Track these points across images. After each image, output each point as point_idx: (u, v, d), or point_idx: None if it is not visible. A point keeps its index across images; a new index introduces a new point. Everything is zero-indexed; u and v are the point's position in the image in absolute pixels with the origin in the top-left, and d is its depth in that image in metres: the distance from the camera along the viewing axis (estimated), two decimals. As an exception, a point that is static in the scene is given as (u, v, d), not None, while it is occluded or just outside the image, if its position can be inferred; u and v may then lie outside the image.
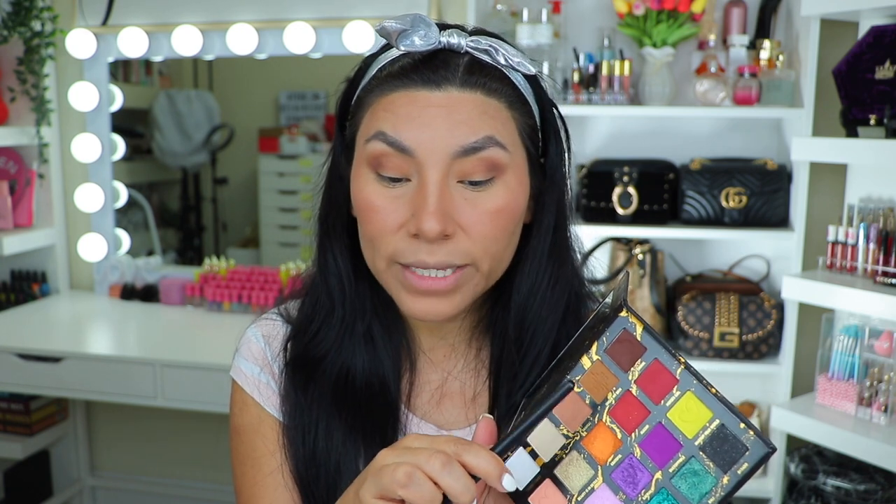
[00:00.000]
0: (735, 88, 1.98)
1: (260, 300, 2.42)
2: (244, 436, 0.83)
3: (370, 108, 0.73)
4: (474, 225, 0.71)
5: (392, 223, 0.71)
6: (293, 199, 3.40)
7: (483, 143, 0.69)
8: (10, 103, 2.53)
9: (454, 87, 0.70)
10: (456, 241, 0.70)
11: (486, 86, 0.71)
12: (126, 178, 2.80)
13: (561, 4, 2.11)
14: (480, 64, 0.72)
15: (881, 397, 1.80)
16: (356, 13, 2.35)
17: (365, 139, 0.72)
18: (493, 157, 0.70)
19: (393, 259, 0.72)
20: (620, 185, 2.06)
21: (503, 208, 0.71)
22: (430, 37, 0.71)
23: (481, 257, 0.72)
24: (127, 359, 2.08)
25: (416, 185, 0.70)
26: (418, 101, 0.70)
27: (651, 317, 2.11)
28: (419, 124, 0.69)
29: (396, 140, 0.69)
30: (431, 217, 0.68)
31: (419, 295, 0.72)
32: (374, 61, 0.77)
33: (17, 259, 2.68)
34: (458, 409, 0.82)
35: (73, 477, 2.75)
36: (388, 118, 0.70)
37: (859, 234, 1.85)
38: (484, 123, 0.70)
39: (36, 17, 2.46)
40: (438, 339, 0.83)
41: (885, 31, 1.76)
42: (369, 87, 0.74)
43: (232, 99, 3.44)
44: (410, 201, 0.70)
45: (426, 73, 0.70)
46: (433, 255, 0.70)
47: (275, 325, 0.86)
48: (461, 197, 0.70)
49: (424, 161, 0.69)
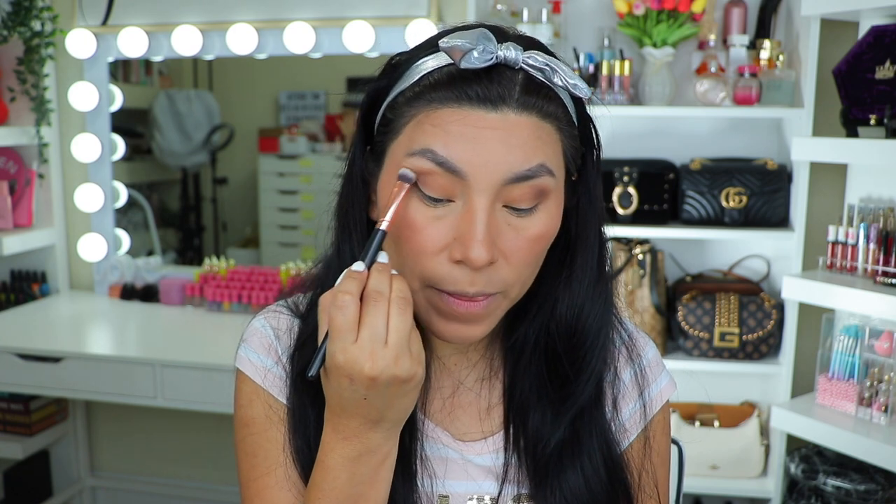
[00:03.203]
0: (735, 88, 1.98)
1: (260, 300, 2.42)
2: (253, 427, 0.79)
3: (414, 119, 0.68)
4: (515, 252, 0.69)
5: (433, 245, 0.68)
6: (293, 199, 3.40)
7: (536, 172, 0.67)
8: (10, 103, 2.52)
9: (510, 109, 0.66)
10: (496, 268, 0.68)
11: (542, 109, 0.68)
12: (126, 178, 2.80)
13: (561, 4, 2.11)
14: (537, 85, 0.68)
15: (881, 397, 1.80)
16: (356, 13, 2.35)
17: (407, 152, 0.68)
18: (542, 185, 0.68)
19: (429, 283, 0.69)
20: (620, 185, 2.06)
21: (544, 234, 0.70)
22: (488, 52, 0.66)
23: (513, 284, 0.70)
24: (127, 359, 2.08)
25: (463, 208, 0.67)
26: (472, 121, 0.66)
27: (651, 317, 2.11)
28: (473, 146, 0.65)
29: (447, 161, 0.66)
30: (480, 246, 0.65)
31: (452, 320, 0.70)
32: (412, 64, 0.71)
33: (16, 259, 2.68)
34: (471, 419, 0.81)
35: (73, 477, 2.75)
36: (437, 135, 0.66)
37: (859, 234, 1.84)
38: (538, 150, 0.67)
39: (36, 16, 2.46)
40: (453, 347, 0.81)
41: (885, 31, 1.76)
42: (412, 94, 0.69)
43: (232, 99, 3.45)
44: (454, 225, 0.67)
45: (481, 90, 0.66)
46: (474, 286, 0.68)
47: (284, 319, 0.83)
48: (505, 223, 0.68)
49: (475, 185, 0.66)
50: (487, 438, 0.80)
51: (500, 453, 0.80)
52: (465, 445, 0.80)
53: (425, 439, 0.79)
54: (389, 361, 0.63)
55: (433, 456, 0.79)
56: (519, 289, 0.72)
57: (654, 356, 0.87)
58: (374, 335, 0.63)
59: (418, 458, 0.78)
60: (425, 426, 0.80)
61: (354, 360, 0.63)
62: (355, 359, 0.63)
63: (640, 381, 0.84)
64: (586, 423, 0.78)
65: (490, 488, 0.80)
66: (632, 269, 2.12)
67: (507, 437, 0.80)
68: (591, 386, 0.78)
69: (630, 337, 0.86)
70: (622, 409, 0.83)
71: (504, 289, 0.70)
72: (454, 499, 0.79)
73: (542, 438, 0.77)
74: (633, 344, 0.85)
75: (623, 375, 0.84)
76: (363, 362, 0.63)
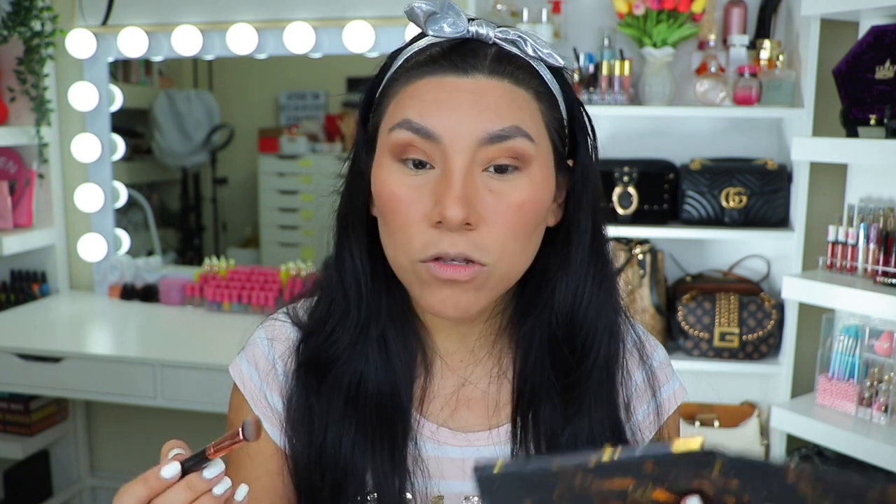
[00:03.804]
0: (735, 88, 1.98)
1: (260, 300, 2.42)
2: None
3: (395, 98, 0.71)
4: (497, 217, 0.69)
5: (415, 214, 0.69)
6: (293, 199, 3.40)
7: (510, 132, 0.68)
8: (10, 103, 2.53)
9: (482, 75, 0.69)
10: (478, 233, 0.69)
11: (514, 75, 0.70)
12: (126, 178, 2.80)
13: (561, 4, 2.11)
14: (508, 54, 0.71)
15: (881, 397, 1.80)
16: (356, 13, 2.35)
17: (389, 128, 0.70)
18: (518, 148, 0.69)
19: (416, 256, 0.70)
20: (620, 185, 2.06)
21: (527, 202, 0.70)
22: (458, 25, 0.70)
23: (500, 257, 0.70)
24: (127, 359, 2.08)
25: (441, 172, 0.69)
26: (445, 87, 0.69)
27: (651, 317, 2.11)
28: (446, 109, 0.68)
29: (422, 126, 0.68)
30: (455, 203, 0.66)
31: (441, 286, 0.70)
32: (399, 54, 0.75)
33: (16, 259, 2.68)
34: (477, 415, 0.81)
35: (72, 477, 2.75)
36: (414, 105, 0.69)
37: (859, 234, 1.84)
38: (511, 112, 0.69)
39: (36, 16, 2.46)
40: (458, 344, 0.81)
41: (885, 31, 1.76)
42: (395, 76, 0.73)
43: (232, 99, 3.45)
44: (434, 190, 0.69)
45: (454, 59, 0.70)
46: (455, 247, 0.68)
47: (281, 327, 0.84)
48: (486, 187, 0.69)
49: (450, 146, 0.68)
50: (492, 430, 0.80)
51: (505, 445, 0.80)
52: (468, 437, 0.80)
53: (423, 440, 0.79)
54: None
55: (429, 456, 0.79)
56: (507, 263, 0.71)
57: (664, 358, 0.87)
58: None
59: (412, 458, 0.78)
60: (422, 426, 0.80)
61: None
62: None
63: (653, 383, 0.84)
64: (597, 415, 0.78)
65: None
66: (632, 269, 2.12)
67: (515, 429, 0.79)
68: (597, 373, 0.77)
69: (640, 339, 0.86)
70: (637, 411, 0.83)
71: (489, 260, 0.70)
72: (449, 499, 0.79)
73: (555, 431, 0.77)
74: (643, 346, 0.85)
75: (636, 377, 0.83)
76: None
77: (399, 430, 0.77)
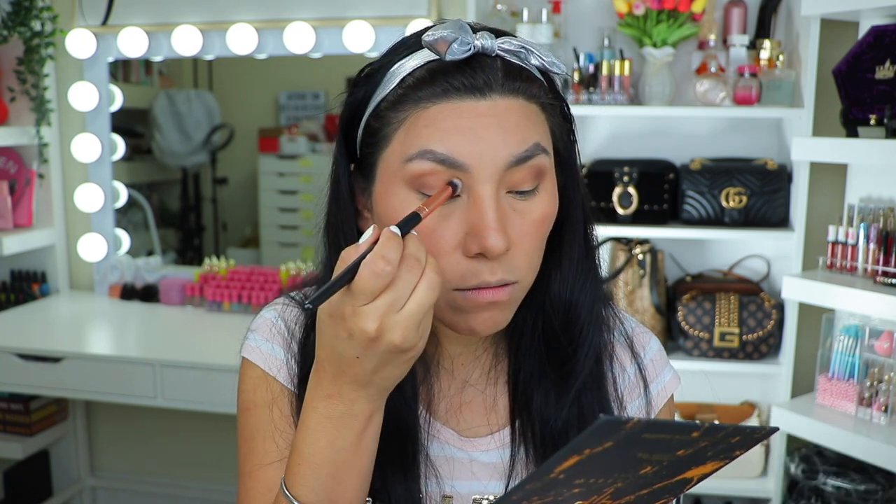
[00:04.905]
0: (735, 88, 1.98)
1: (260, 300, 2.42)
2: (255, 410, 0.78)
3: (404, 124, 0.68)
4: (524, 237, 0.69)
5: (446, 244, 0.67)
6: (293, 199, 3.40)
7: (533, 151, 0.67)
8: (10, 103, 2.53)
9: (498, 95, 0.67)
10: (510, 255, 0.68)
11: (526, 91, 0.69)
12: (126, 178, 2.80)
13: (561, 4, 2.11)
14: (515, 67, 0.69)
15: (881, 397, 1.80)
16: (356, 13, 2.35)
17: (405, 158, 0.67)
18: (539, 165, 0.68)
19: (450, 286, 0.68)
20: (620, 185, 2.06)
21: (546, 216, 0.70)
22: (465, 42, 0.66)
23: (526, 273, 0.70)
24: (127, 359, 2.08)
25: (469, 201, 0.67)
26: (464, 113, 0.66)
27: (651, 317, 2.11)
28: (470, 136, 0.65)
29: (448, 157, 0.65)
30: (495, 233, 0.65)
31: (481, 310, 0.70)
32: (389, 69, 0.71)
33: (16, 259, 2.68)
34: (478, 416, 0.81)
35: (73, 477, 2.75)
36: (433, 134, 0.66)
37: (859, 234, 1.84)
38: (530, 131, 0.68)
39: (36, 16, 2.46)
40: (464, 348, 0.81)
41: (885, 31, 1.76)
42: (395, 98, 0.69)
43: (232, 99, 3.45)
44: (464, 219, 0.67)
45: (466, 80, 0.66)
46: (495, 274, 0.67)
47: (293, 311, 0.83)
48: (511, 209, 0.68)
49: (478, 175, 0.66)
50: (494, 434, 0.80)
51: (506, 449, 0.80)
52: (472, 443, 0.80)
53: (431, 440, 0.79)
54: (396, 328, 0.61)
55: (438, 456, 0.79)
56: (532, 275, 0.72)
57: (657, 350, 0.87)
58: (395, 299, 0.61)
59: (423, 457, 0.78)
60: (431, 426, 0.80)
61: (362, 316, 0.60)
62: (364, 315, 0.60)
63: (645, 376, 0.84)
64: (590, 405, 0.79)
65: (495, 488, 0.80)
66: (632, 269, 2.12)
67: (514, 429, 0.80)
68: (591, 361, 0.78)
69: (632, 332, 0.86)
70: (628, 405, 0.83)
71: (520, 277, 0.70)
72: (458, 499, 0.79)
73: (548, 420, 0.77)
74: (632, 340, 0.86)
75: (628, 370, 0.84)
76: (370, 321, 0.60)
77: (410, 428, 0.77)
